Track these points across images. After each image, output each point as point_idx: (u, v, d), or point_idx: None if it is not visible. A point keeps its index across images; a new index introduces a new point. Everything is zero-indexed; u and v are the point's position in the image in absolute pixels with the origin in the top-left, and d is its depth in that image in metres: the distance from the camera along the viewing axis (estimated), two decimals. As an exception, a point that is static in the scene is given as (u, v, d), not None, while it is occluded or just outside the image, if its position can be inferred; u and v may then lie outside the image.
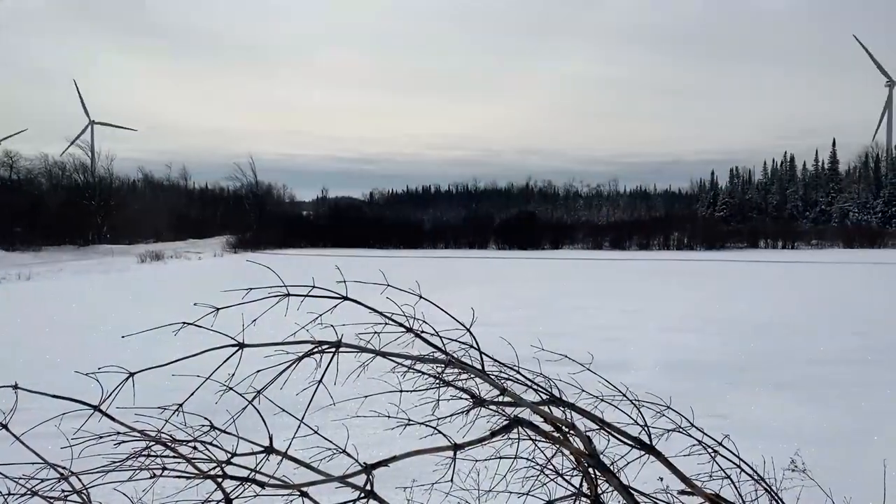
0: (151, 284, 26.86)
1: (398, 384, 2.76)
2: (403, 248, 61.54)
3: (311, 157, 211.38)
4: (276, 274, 2.42)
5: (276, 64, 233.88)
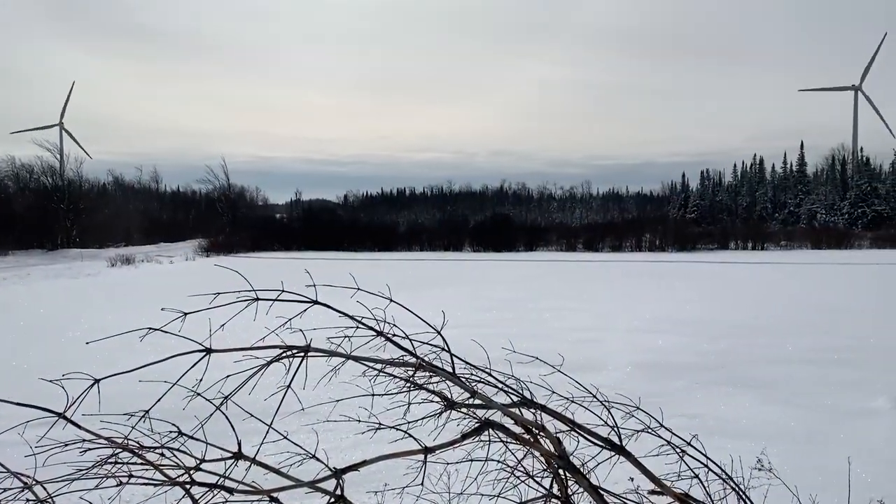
0: (121, 289, 26.47)
1: (369, 388, 2.76)
2: (378, 250, 61.39)
3: (284, 159, 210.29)
4: (244, 278, 2.41)
5: (248, 65, 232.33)
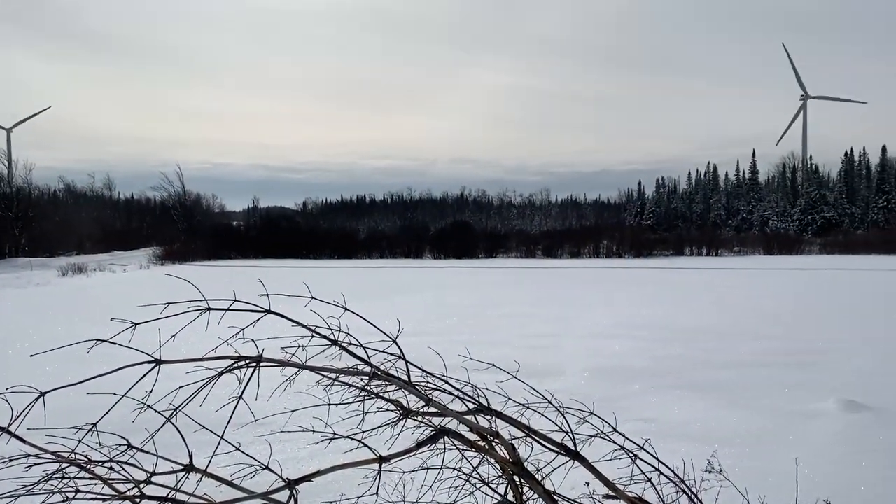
0: (71, 299, 25.81)
1: (325, 398, 2.74)
2: (338, 258, 60.97)
3: (241, 165, 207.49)
4: (196, 288, 2.38)
5: (204, 71, 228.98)
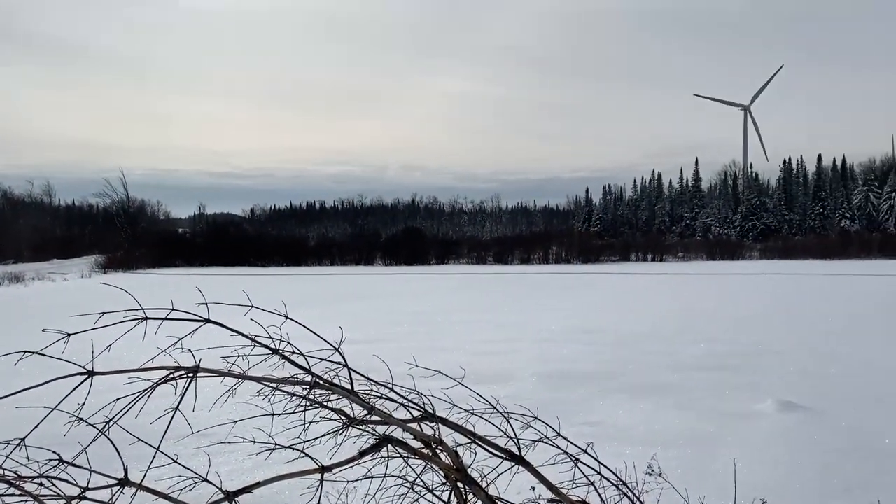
0: (4, 309, 24.91)
1: (268, 408, 2.71)
2: (287, 265, 60.20)
3: (187, 171, 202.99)
4: (132, 297, 2.33)
5: (148, 76, 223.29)
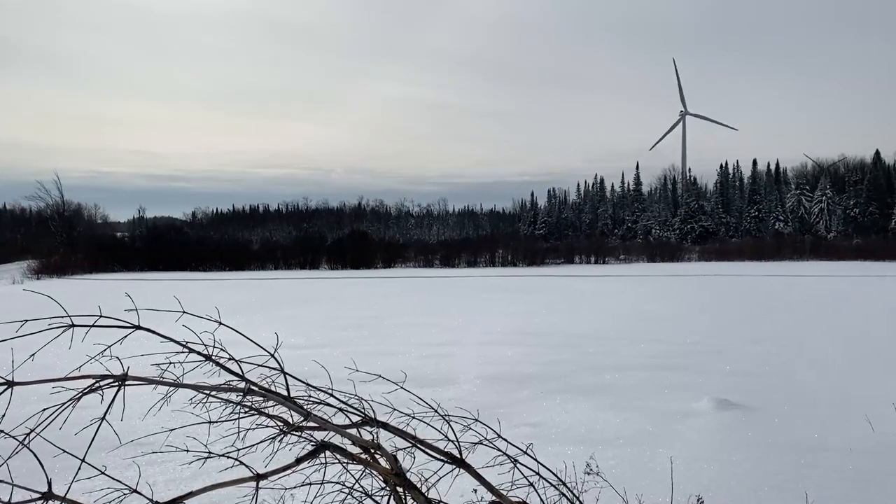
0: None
1: (206, 415, 2.65)
2: (230, 269, 59.05)
3: (125, 174, 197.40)
4: (58, 304, 2.25)
5: (85, 76, 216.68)
